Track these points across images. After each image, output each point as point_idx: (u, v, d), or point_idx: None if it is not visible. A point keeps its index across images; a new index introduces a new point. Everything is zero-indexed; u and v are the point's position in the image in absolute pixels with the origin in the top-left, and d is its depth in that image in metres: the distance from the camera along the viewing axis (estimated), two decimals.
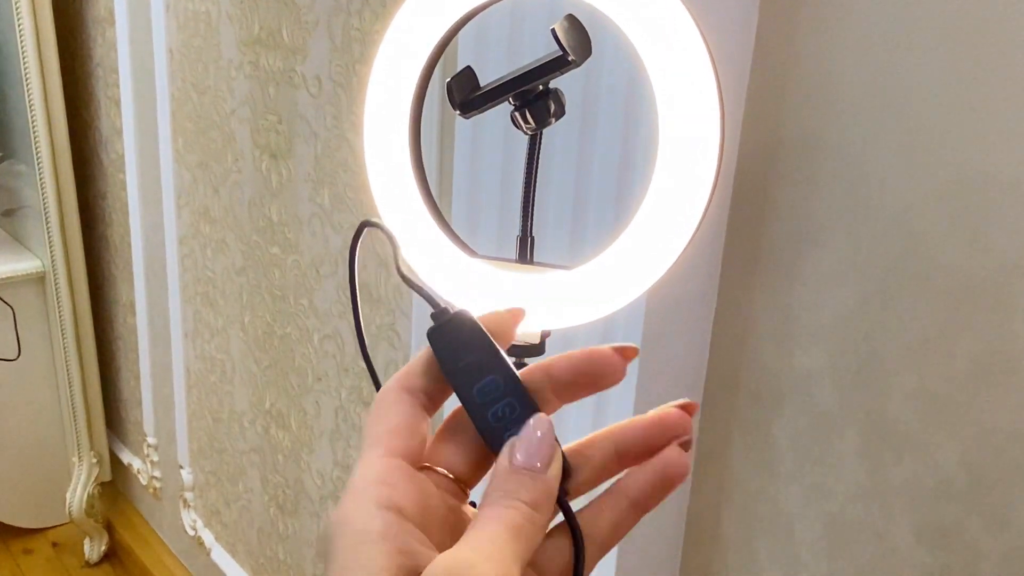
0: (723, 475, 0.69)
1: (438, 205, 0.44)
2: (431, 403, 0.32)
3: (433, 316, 0.33)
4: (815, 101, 0.59)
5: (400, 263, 0.35)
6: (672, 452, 0.31)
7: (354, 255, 0.40)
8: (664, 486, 0.31)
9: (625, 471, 0.32)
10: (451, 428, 0.33)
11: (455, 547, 0.27)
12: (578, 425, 0.67)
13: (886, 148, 0.56)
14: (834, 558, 0.63)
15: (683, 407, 0.32)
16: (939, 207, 0.54)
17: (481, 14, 0.63)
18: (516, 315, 0.35)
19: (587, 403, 0.66)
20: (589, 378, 0.32)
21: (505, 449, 0.30)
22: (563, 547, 0.31)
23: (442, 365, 0.32)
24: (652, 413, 0.32)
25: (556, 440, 0.30)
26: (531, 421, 0.30)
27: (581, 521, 0.31)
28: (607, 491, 0.32)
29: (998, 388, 0.53)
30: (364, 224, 0.38)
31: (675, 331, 0.65)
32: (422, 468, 0.31)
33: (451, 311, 0.33)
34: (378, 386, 0.38)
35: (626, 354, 0.32)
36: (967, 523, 0.56)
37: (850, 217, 0.59)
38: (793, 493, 0.65)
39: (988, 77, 0.51)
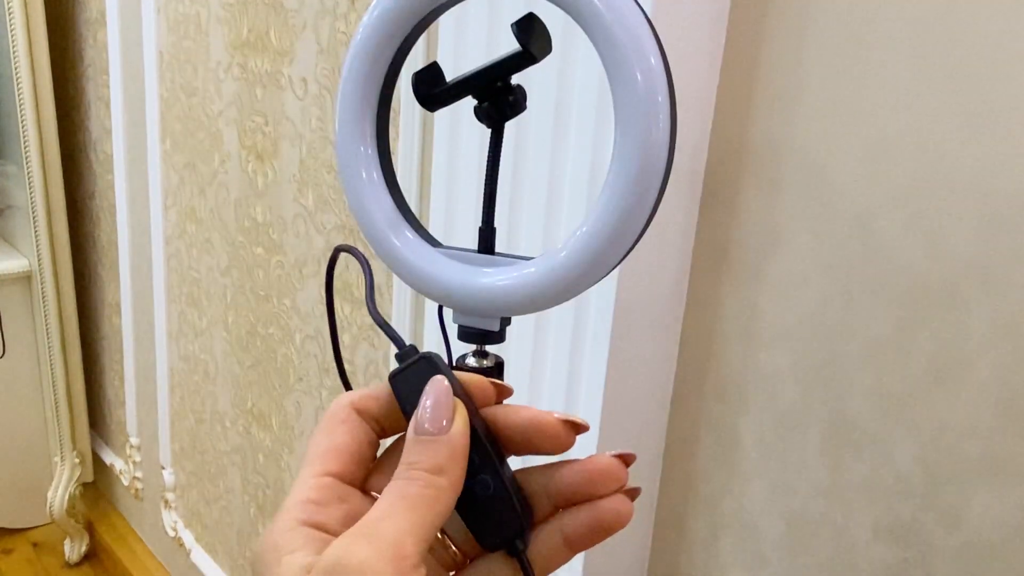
0: (690, 473, 0.71)
1: (408, 197, 0.45)
2: (382, 429, 0.32)
3: (397, 357, 0.32)
4: (781, 108, 0.61)
5: (371, 299, 0.34)
6: (617, 500, 0.30)
7: (331, 280, 0.39)
8: (603, 531, 0.30)
9: (562, 510, 0.31)
10: (392, 456, 0.32)
11: (345, 533, 0.27)
12: None
13: (848, 153, 0.58)
14: (796, 555, 0.64)
15: (620, 457, 0.30)
16: (898, 210, 0.56)
17: (459, 16, 0.65)
18: (503, 391, 0.32)
19: (555, 403, 0.67)
20: (534, 445, 0.31)
21: (411, 420, 0.29)
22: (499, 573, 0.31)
23: (403, 409, 0.31)
24: (587, 459, 0.30)
25: (457, 399, 0.29)
26: (428, 385, 0.29)
27: None
28: (541, 525, 0.31)
29: (952, 386, 0.55)
30: (339, 249, 0.37)
31: (645, 330, 0.67)
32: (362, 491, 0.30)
33: (415, 353, 0.31)
34: (346, 385, 0.38)
35: (577, 430, 0.31)
36: (923, 519, 0.57)
37: (813, 220, 0.60)
38: (757, 490, 0.66)
39: (946, 86, 0.53)
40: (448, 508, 0.28)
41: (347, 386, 0.39)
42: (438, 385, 0.29)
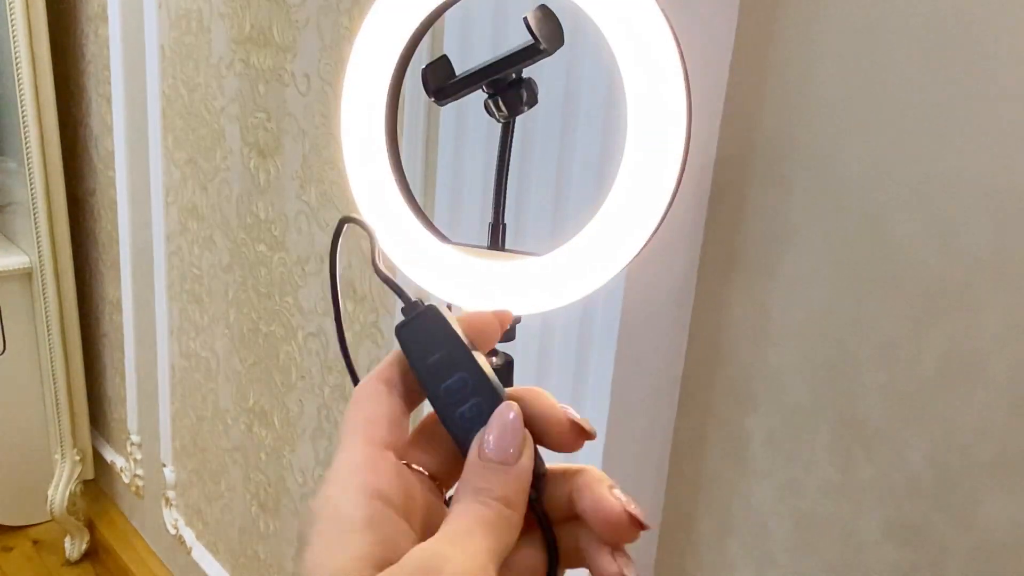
0: (698, 471, 0.70)
1: (414, 195, 0.44)
2: (410, 396, 0.31)
3: (403, 311, 0.32)
4: (791, 105, 0.60)
5: (377, 257, 0.34)
6: (616, 567, 0.28)
7: (335, 251, 0.40)
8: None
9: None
10: (426, 430, 0.32)
11: (431, 540, 0.26)
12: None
13: (859, 150, 0.57)
14: (805, 555, 0.64)
15: (633, 518, 0.28)
16: (909, 208, 0.55)
17: (466, 9, 0.64)
18: (503, 317, 0.33)
19: (562, 400, 0.66)
20: (538, 437, 0.30)
21: (475, 441, 0.29)
22: (532, 556, 0.30)
23: (410, 362, 0.30)
24: (602, 498, 0.29)
25: (526, 431, 0.29)
26: (498, 411, 0.29)
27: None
28: (565, 523, 0.30)
29: (965, 386, 0.54)
30: (344, 220, 0.37)
31: (653, 327, 0.66)
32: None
33: (422, 306, 0.32)
34: (355, 379, 0.38)
35: (583, 436, 0.30)
36: (933, 520, 0.56)
37: (824, 218, 0.60)
38: (766, 490, 0.66)
39: (958, 83, 0.52)
40: (514, 540, 0.28)
41: (353, 375, 0.38)
42: (506, 412, 0.29)
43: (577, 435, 0.30)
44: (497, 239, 0.42)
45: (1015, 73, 0.50)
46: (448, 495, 0.31)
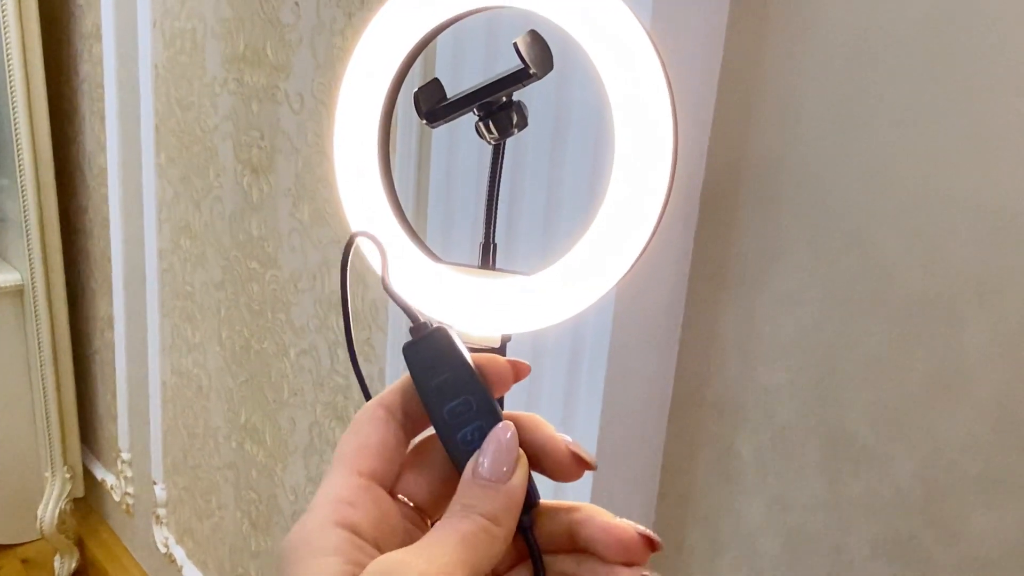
0: (688, 488, 0.70)
1: (405, 213, 0.45)
2: (412, 423, 0.31)
3: (411, 331, 0.32)
4: (780, 123, 0.61)
5: (386, 275, 0.34)
6: None
7: (346, 266, 0.40)
8: None
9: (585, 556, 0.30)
10: (419, 456, 0.32)
11: (398, 550, 0.27)
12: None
13: (847, 168, 0.58)
14: (794, 571, 0.64)
15: (646, 538, 0.29)
16: (896, 226, 0.56)
17: (458, 34, 0.65)
18: (519, 368, 0.33)
19: (553, 417, 0.67)
20: (539, 466, 0.31)
21: (470, 461, 0.29)
22: None
23: (415, 381, 0.31)
24: (613, 524, 0.29)
25: (521, 452, 0.29)
26: (494, 430, 0.29)
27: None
28: (559, 555, 0.30)
29: (951, 402, 0.55)
30: (356, 235, 0.38)
31: (642, 344, 0.67)
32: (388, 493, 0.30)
33: (430, 327, 0.32)
34: (363, 386, 0.39)
35: (584, 467, 0.31)
36: (921, 535, 0.57)
37: (812, 235, 0.60)
38: (755, 506, 0.66)
39: (946, 101, 0.53)
40: (497, 557, 0.28)
41: (365, 390, 0.39)
42: (502, 432, 0.29)
43: (578, 465, 0.30)
44: (488, 258, 0.42)
45: (1002, 92, 0.51)
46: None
